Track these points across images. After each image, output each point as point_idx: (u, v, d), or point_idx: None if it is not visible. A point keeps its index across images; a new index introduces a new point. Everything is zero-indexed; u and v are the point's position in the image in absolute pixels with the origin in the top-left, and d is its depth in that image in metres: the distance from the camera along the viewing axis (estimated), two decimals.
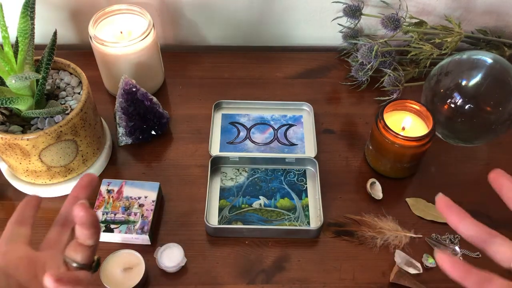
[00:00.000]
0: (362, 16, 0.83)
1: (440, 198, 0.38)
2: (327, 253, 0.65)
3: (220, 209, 0.68)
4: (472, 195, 0.70)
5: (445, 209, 0.37)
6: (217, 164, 0.73)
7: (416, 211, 0.69)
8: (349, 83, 0.85)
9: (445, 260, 0.35)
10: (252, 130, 0.78)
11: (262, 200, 0.70)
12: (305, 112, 0.81)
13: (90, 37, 0.75)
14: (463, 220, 0.37)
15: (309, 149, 0.75)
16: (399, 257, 0.63)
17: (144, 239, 0.64)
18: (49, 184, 0.69)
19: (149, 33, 0.75)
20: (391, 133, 0.66)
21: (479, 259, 0.64)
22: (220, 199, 0.69)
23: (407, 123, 0.70)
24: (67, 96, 0.67)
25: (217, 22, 0.90)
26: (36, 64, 0.65)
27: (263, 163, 0.73)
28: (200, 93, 0.84)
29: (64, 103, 0.66)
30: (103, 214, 0.65)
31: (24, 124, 0.64)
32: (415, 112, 0.71)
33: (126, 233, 0.63)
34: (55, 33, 0.65)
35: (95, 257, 0.44)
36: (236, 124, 0.79)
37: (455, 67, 0.71)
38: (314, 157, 0.73)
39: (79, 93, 0.67)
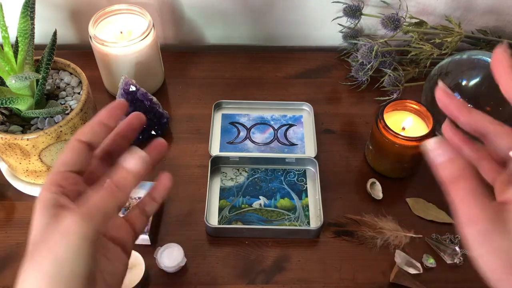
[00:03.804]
0: (362, 16, 0.83)
1: (440, 87, 0.36)
2: (327, 253, 0.65)
3: (220, 209, 0.68)
4: None
5: (444, 98, 0.36)
6: (217, 164, 0.73)
7: (416, 211, 0.69)
8: (349, 83, 0.85)
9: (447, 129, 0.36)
10: (252, 130, 0.78)
11: (262, 200, 0.70)
12: (305, 112, 0.81)
13: (90, 37, 0.75)
14: (462, 111, 0.36)
15: (309, 149, 0.75)
16: (399, 257, 0.63)
17: (144, 239, 0.64)
18: None
19: (149, 33, 0.75)
20: (391, 133, 0.66)
21: None
22: (220, 199, 0.69)
23: (407, 123, 0.70)
24: (67, 96, 0.67)
25: (217, 22, 0.90)
26: (36, 64, 0.65)
27: (263, 163, 0.73)
28: (200, 93, 0.84)
29: (64, 103, 0.66)
30: None
31: (24, 124, 0.64)
32: (415, 112, 0.71)
33: None
34: (55, 33, 0.65)
35: None
36: (236, 124, 0.79)
37: (455, 67, 0.71)
38: (314, 157, 0.73)
39: (79, 93, 0.67)
